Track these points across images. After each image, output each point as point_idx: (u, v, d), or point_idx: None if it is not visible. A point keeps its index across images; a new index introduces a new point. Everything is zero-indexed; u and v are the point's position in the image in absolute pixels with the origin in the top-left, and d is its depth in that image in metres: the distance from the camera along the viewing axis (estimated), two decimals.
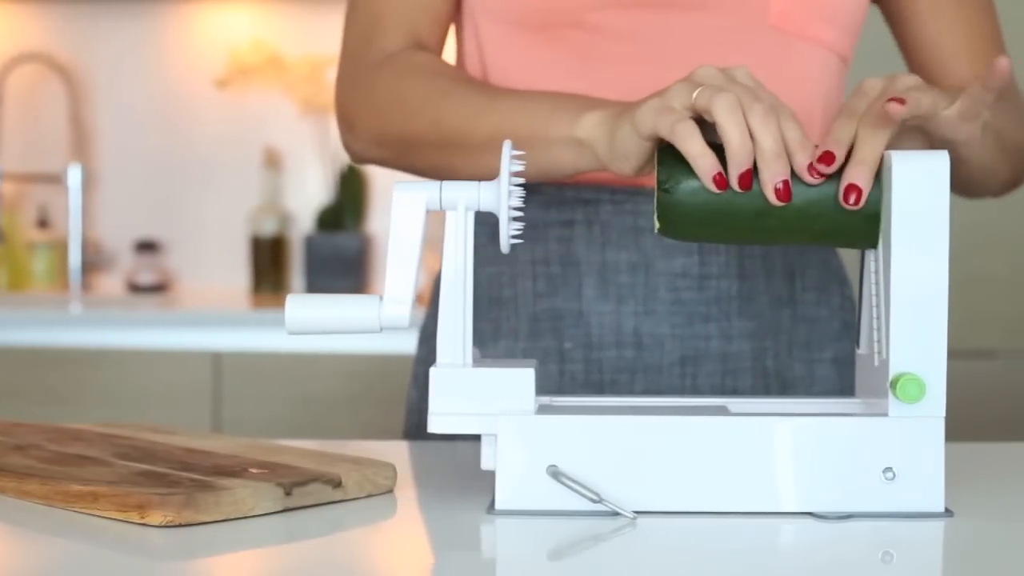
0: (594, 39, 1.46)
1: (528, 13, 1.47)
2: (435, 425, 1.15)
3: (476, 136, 1.39)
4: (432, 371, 1.16)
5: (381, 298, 1.18)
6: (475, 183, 1.18)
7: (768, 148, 1.14)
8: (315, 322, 1.17)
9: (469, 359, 1.17)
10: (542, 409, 1.19)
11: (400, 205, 1.17)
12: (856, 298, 1.57)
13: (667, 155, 1.17)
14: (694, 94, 1.17)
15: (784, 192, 1.14)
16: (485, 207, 1.17)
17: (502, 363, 1.21)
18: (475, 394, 1.15)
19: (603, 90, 1.41)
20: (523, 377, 1.16)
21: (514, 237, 1.16)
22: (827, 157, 1.15)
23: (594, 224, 1.50)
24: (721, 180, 1.14)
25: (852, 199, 1.14)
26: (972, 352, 3.01)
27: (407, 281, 1.17)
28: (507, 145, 1.17)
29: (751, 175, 1.14)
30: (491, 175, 1.41)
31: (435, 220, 1.18)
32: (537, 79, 1.47)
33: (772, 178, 1.14)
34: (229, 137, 3.72)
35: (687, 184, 1.16)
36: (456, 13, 1.55)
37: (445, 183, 1.17)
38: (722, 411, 1.17)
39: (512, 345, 1.52)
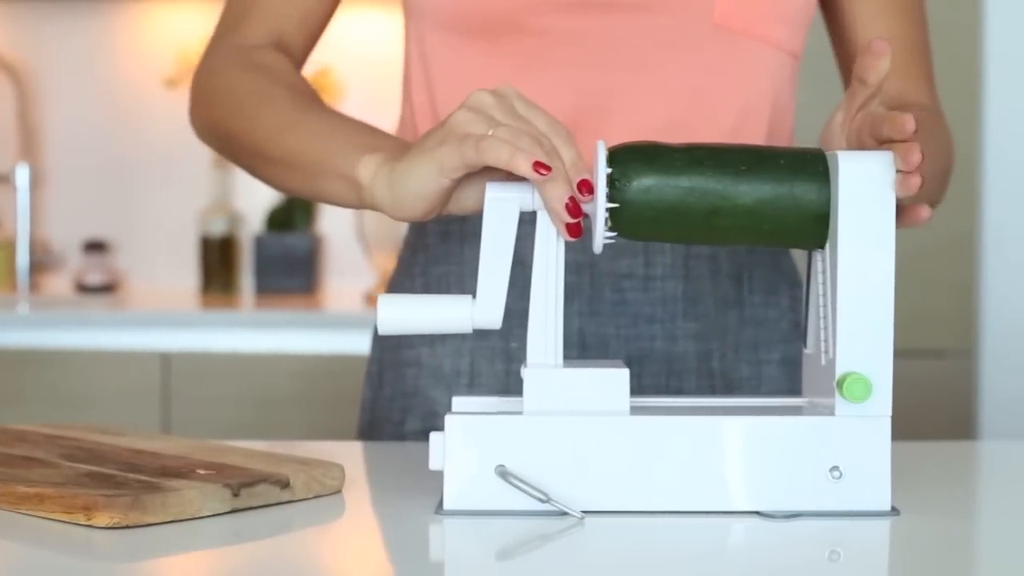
0: (538, 43, 1.46)
1: (471, 18, 1.47)
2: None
3: (274, 151, 1.40)
4: (524, 372, 1.16)
5: (473, 297, 1.18)
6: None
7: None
8: (408, 323, 1.17)
9: (560, 359, 1.17)
10: (490, 409, 1.20)
11: (493, 204, 1.18)
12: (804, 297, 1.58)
13: (619, 155, 1.17)
14: (462, 152, 1.17)
15: (574, 209, 1.15)
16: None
17: (593, 363, 1.22)
18: (568, 394, 1.15)
19: (548, 93, 1.41)
20: (618, 377, 1.16)
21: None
22: (584, 185, 1.15)
23: None
24: (539, 166, 1.14)
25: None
26: (919, 352, 3.03)
27: (500, 281, 1.18)
28: (601, 144, 1.17)
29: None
30: (289, 189, 1.42)
31: (377, 219, 1.18)
32: (481, 84, 1.47)
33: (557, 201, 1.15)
34: (178, 137, 3.70)
35: (638, 183, 1.16)
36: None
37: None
38: (670, 410, 1.18)
39: (459, 344, 1.52)
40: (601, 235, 1.17)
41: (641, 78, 1.47)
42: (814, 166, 1.16)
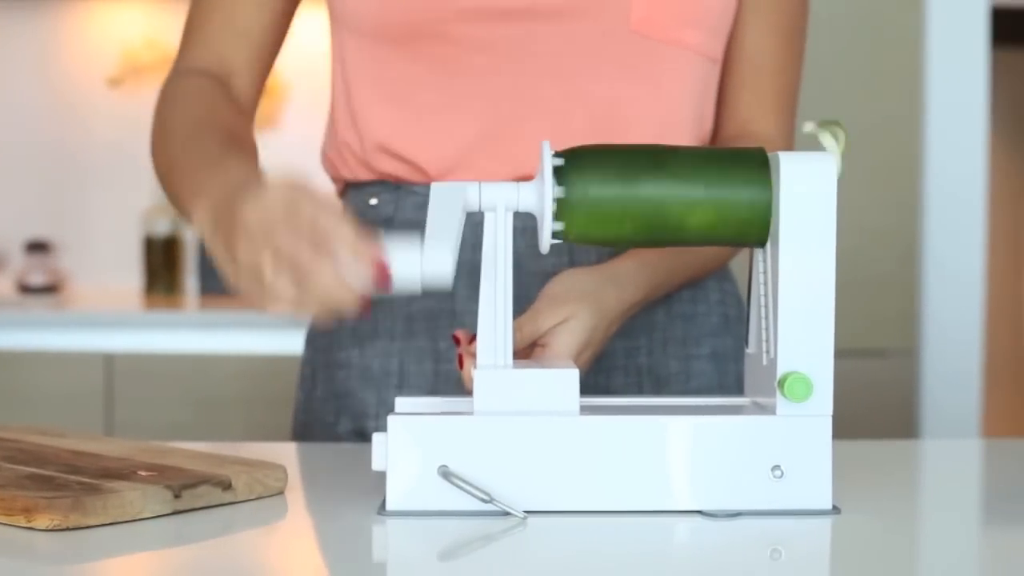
0: (457, 51, 1.46)
1: (389, 26, 1.47)
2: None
3: (170, 188, 1.44)
4: (475, 373, 1.16)
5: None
6: (515, 184, 1.19)
7: (321, 293, 1.12)
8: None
9: (510, 360, 1.17)
10: (433, 410, 1.20)
11: (437, 203, 1.18)
12: (739, 292, 1.59)
13: (565, 161, 1.17)
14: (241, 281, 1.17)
15: (365, 309, 1.14)
16: (524, 208, 1.18)
17: (543, 364, 1.22)
18: (519, 394, 1.15)
19: (466, 101, 1.41)
20: (567, 377, 1.16)
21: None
22: (382, 274, 1.13)
23: (466, 225, 1.51)
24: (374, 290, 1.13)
25: None
26: (861, 351, 3.04)
27: (449, 238, 1.16)
28: (546, 145, 1.17)
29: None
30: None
31: None
32: (399, 92, 1.48)
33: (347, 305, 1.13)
34: (122, 136, 3.68)
35: (583, 188, 1.16)
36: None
37: (484, 183, 1.18)
38: (611, 410, 1.18)
39: (388, 345, 1.52)
40: (548, 235, 1.17)
41: (559, 86, 1.47)
42: (755, 166, 1.17)
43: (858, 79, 3.19)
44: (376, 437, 1.14)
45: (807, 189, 1.14)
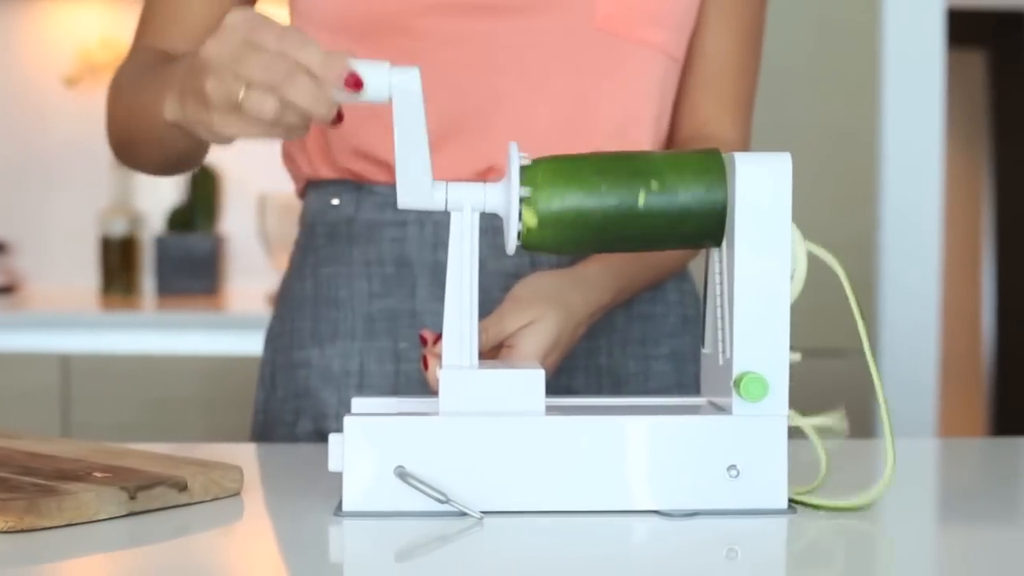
0: (421, 45, 1.46)
1: (353, 20, 1.47)
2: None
3: (135, 127, 1.45)
4: (441, 374, 1.15)
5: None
6: (482, 184, 1.18)
7: (301, 105, 1.14)
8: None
9: (476, 360, 1.17)
10: (390, 410, 1.20)
11: (407, 203, 1.17)
12: (697, 292, 1.59)
13: (529, 171, 1.17)
14: (209, 117, 1.19)
15: (339, 118, 1.16)
16: (491, 208, 1.18)
17: (509, 364, 1.22)
18: (484, 395, 1.15)
19: (431, 95, 1.41)
20: (533, 377, 1.16)
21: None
22: (354, 81, 1.14)
23: (427, 225, 1.51)
24: (350, 81, 1.14)
25: None
26: (818, 351, 3.05)
27: (420, 160, 1.16)
28: (513, 146, 1.17)
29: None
30: (164, 159, 1.48)
31: (279, 219, 1.18)
32: None
33: (316, 105, 1.14)
34: (78, 136, 3.67)
35: (549, 198, 1.17)
36: None
37: (451, 184, 1.18)
38: (568, 410, 1.18)
39: (348, 345, 1.52)
40: (514, 236, 1.17)
41: (524, 81, 1.47)
42: (711, 166, 1.17)
43: (814, 81, 3.20)
44: (332, 438, 1.14)
45: (763, 190, 1.15)
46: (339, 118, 1.16)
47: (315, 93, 1.13)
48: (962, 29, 5.58)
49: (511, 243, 1.18)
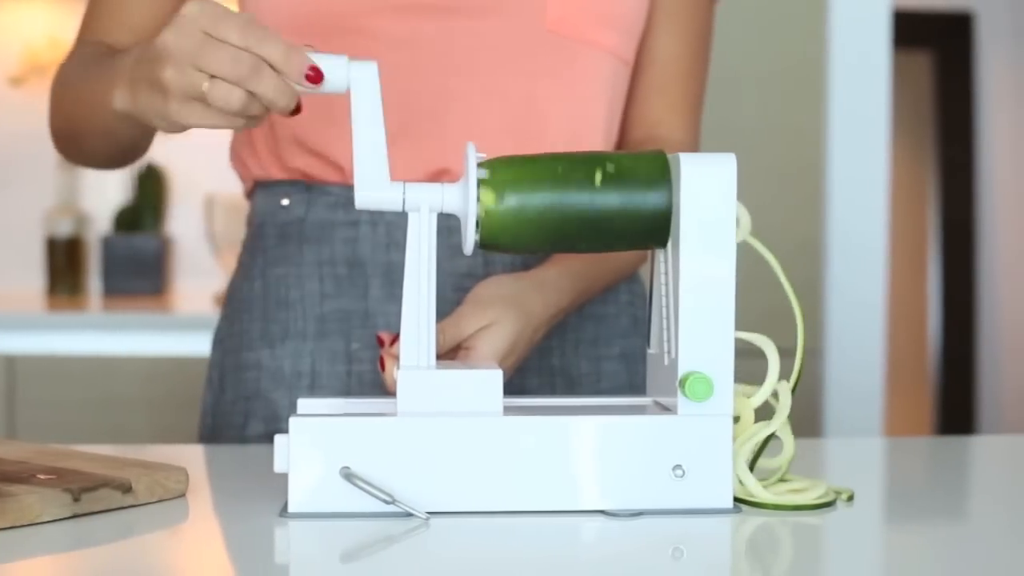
0: (371, 46, 1.46)
1: (304, 20, 1.46)
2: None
3: (80, 117, 1.45)
4: (399, 374, 1.15)
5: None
6: (439, 185, 1.18)
7: (265, 96, 1.17)
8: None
9: (433, 361, 1.17)
10: (337, 411, 1.19)
11: (364, 203, 1.17)
12: (645, 294, 1.60)
13: (486, 170, 1.17)
14: (168, 107, 1.20)
15: (298, 109, 1.20)
16: (449, 209, 1.18)
17: (467, 364, 1.22)
18: (441, 395, 1.15)
19: (383, 96, 1.41)
20: (491, 378, 1.16)
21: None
22: (314, 74, 1.17)
23: (379, 225, 1.51)
24: (312, 74, 1.16)
25: None
26: (759, 352, 3.06)
27: (378, 153, 1.18)
28: (471, 147, 1.17)
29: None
30: (111, 152, 1.50)
31: (226, 219, 1.18)
32: None
33: (278, 95, 1.17)
34: (24, 136, 3.64)
35: (505, 197, 1.17)
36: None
37: (408, 184, 1.17)
38: (514, 410, 1.18)
39: (300, 346, 1.51)
40: (472, 237, 1.17)
41: (475, 83, 1.47)
42: (656, 167, 1.17)
43: (761, 83, 3.21)
44: (278, 439, 1.13)
45: (707, 190, 1.15)
46: (298, 108, 1.19)
47: (279, 86, 1.16)
48: (909, 31, 5.61)
49: (469, 243, 1.18)
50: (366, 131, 1.17)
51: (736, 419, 1.22)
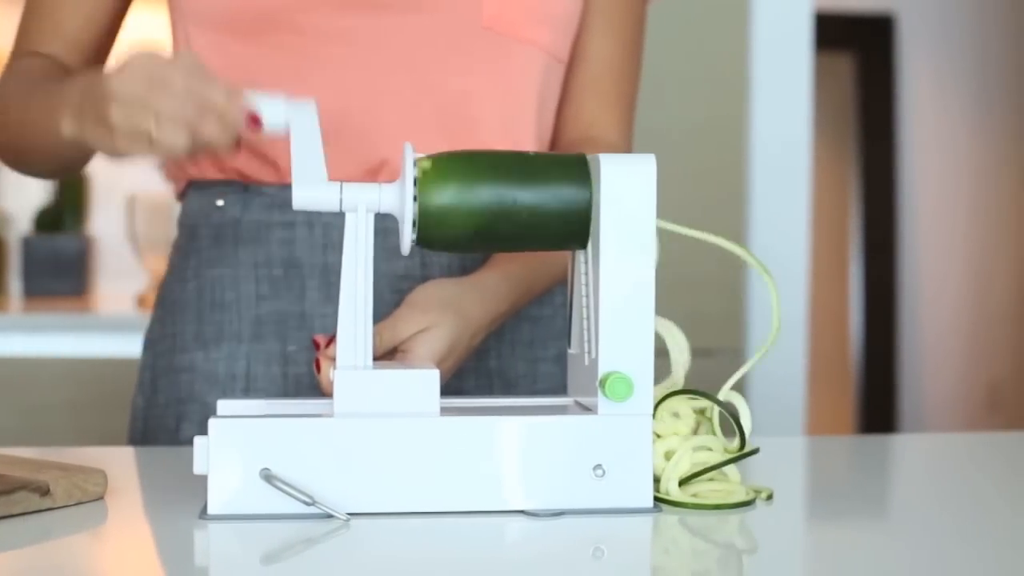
0: (305, 42, 1.46)
1: (237, 16, 1.46)
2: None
3: (24, 138, 1.45)
4: (335, 375, 1.15)
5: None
6: (376, 185, 1.18)
7: (208, 141, 1.22)
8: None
9: (369, 362, 1.16)
10: (256, 412, 1.19)
11: (302, 204, 1.17)
12: None
13: (421, 168, 1.17)
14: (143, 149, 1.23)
15: (237, 147, 1.24)
16: (386, 209, 1.17)
17: (404, 365, 1.21)
18: (378, 396, 1.15)
19: (317, 93, 1.41)
20: (428, 378, 1.16)
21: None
22: (253, 121, 1.21)
23: (316, 226, 1.50)
24: (251, 122, 1.21)
25: None
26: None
27: (315, 161, 1.19)
28: (408, 147, 1.17)
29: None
30: (53, 168, 1.51)
31: (149, 220, 1.17)
32: (249, 84, 1.47)
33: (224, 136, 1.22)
34: None
35: (441, 194, 1.17)
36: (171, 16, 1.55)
37: (345, 184, 1.18)
38: (449, 411, 1.18)
39: (235, 348, 1.50)
40: (409, 236, 1.17)
41: (410, 79, 1.47)
42: (576, 168, 1.18)
43: (683, 84, 3.22)
44: (198, 440, 1.13)
45: (627, 191, 1.15)
46: (238, 146, 1.25)
47: (221, 130, 1.21)
48: (831, 33, 5.66)
49: (406, 243, 1.18)
50: (304, 140, 1.18)
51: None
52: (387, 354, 1.32)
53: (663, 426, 1.24)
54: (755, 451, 1.24)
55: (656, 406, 1.21)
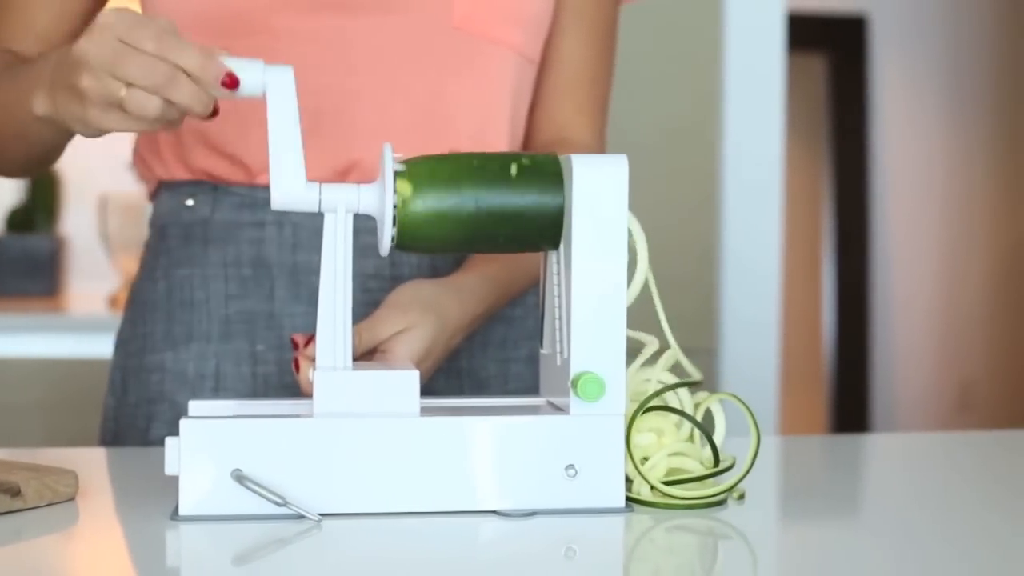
0: (276, 44, 1.46)
1: (208, 18, 1.46)
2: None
3: None
4: (315, 375, 1.14)
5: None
6: (355, 186, 1.17)
7: (182, 104, 1.18)
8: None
9: (349, 362, 1.16)
10: (228, 413, 1.19)
11: (280, 204, 1.17)
12: None
13: (399, 172, 1.17)
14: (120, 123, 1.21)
15: (215, 112, 1.21)
16: (365, 210, 1.17)
17: (384, 365, 1.21)
18: (358, 396, 1.14)
19: None
20: (408, 379, 1.15)
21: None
22: (231, 80, 1.18)
23: (285, 226, 1.50)
24: (230, 80, 1.18)
25: None
26: (661, 351, 3.08)
27: (294, 157, 1.18)
28: (388, 147, 1.17)
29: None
30: (27, 158, 1.50)
31: (121, 220, 1.17)
32: None
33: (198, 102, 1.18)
34: None
35: (423, 197, 1.17)
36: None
37: (324, 185, 1.17)
38: (414, 412, 1.18)
39: (204, 348, 1.50)
40: (388, 237, 1.17)
41: (381, 80, 1.47)
42: (548, 169, 1.18)
43: (656, 84, 3.23)
44: (169, 441, 1.12)
45: (599, 191, 1.16)
46: (215, 112, 1.21)
47: (195, 93, 1.17)
48: (804, 34, 5.67)
49: (385, 244, 1.18)
50: (282, 132, 1.17)
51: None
52: (366, 354, 1.31)
53: (647, 441, 1.24)
54: (730, 467, 1.24)
55: (634, 416, 1.21)
